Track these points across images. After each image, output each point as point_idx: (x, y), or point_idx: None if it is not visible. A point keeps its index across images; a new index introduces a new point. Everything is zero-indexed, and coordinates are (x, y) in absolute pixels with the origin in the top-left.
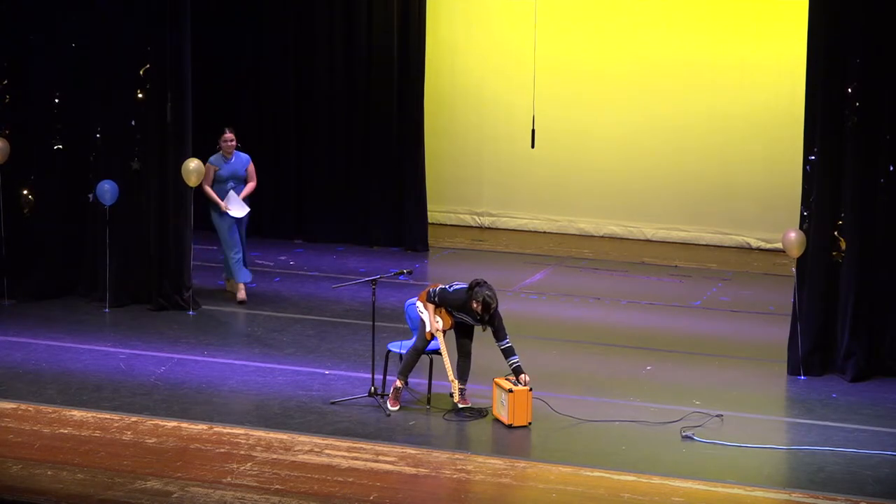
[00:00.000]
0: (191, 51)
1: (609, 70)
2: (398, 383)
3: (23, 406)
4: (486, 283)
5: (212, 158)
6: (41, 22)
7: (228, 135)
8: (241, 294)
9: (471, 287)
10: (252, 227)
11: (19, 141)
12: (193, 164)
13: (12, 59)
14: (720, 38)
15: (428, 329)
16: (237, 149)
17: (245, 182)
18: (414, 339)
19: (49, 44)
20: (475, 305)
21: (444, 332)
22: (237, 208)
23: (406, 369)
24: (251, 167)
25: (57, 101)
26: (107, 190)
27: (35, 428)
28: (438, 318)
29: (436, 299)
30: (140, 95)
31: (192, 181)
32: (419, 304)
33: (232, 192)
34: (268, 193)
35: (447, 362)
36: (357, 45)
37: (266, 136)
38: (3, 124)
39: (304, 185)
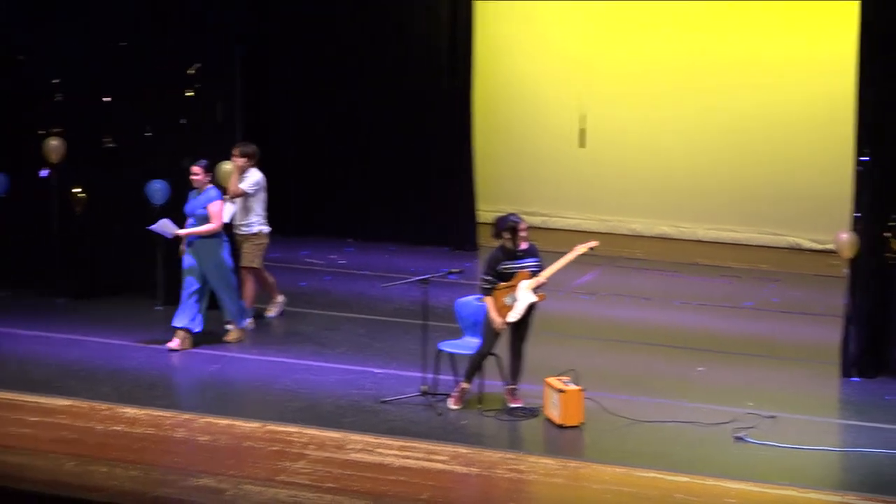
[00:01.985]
0: (241, 49)
1: (660, 68)
2: (464, 385)
3: (77, 403)
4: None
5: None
6: (92, 21)
7: (193, 168)
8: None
9: (496, 231)
10: (303, 227)
11: (71, 139)
12: (227, 165)
13: (63, 58)
14: (773, 35)
15: (497, 322)
16: (210, 184)
17: (206, 221)
18: (479, 341)
19: (100, 43)
20: (507, 238)
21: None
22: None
23: (472, 371)
24: (212, 207)
25: (108, 99)
26: (157, 189)
27: (89, 425)
28: (498, 317)
29: (488, 277)
30: (191, 94)
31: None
32: (488, 302)
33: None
34: (318, 193)
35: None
36: (407, 43)
37: (317, 134)
38: (56, 123)
39: (355, 185)
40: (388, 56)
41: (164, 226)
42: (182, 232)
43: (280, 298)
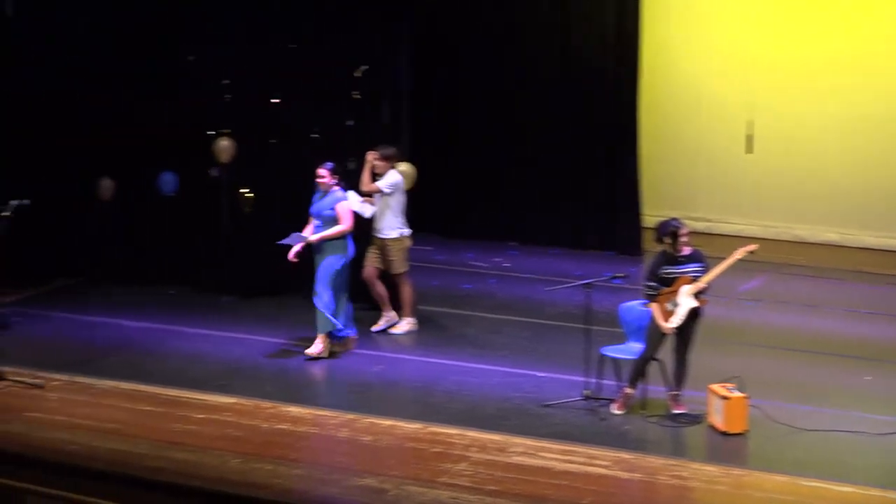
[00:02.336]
0: (408, 51)
1: (829, 71)
2: (628, 390)
3: (242, 401)
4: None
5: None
6: (260, 23)
7: (318, 170)
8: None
9: (657, 235)
10: (466, 229)
11: (240, 139)
12: (402, 167)
13: (233, 60)
14: None
15: (665, 328)
16: (337, 187)
17: (333, 222)
18: (642, 346)
19: (268, 44)
20: (667, 243)
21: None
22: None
23: (635, 377)
24: (340, 207)
25: (276, 101)
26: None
27: (254, 423)
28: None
29: (651, 283)
30: (357, 96)
31: (404, 185)
32: (653, 308)
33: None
34: (481, 195)
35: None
36: (572, 44)
37: (480, 137)
38: (225, 124)
39: (519, 188)
40: (553, 58)
41: (294, 238)
42: (313, 238)
43: (390, 315)
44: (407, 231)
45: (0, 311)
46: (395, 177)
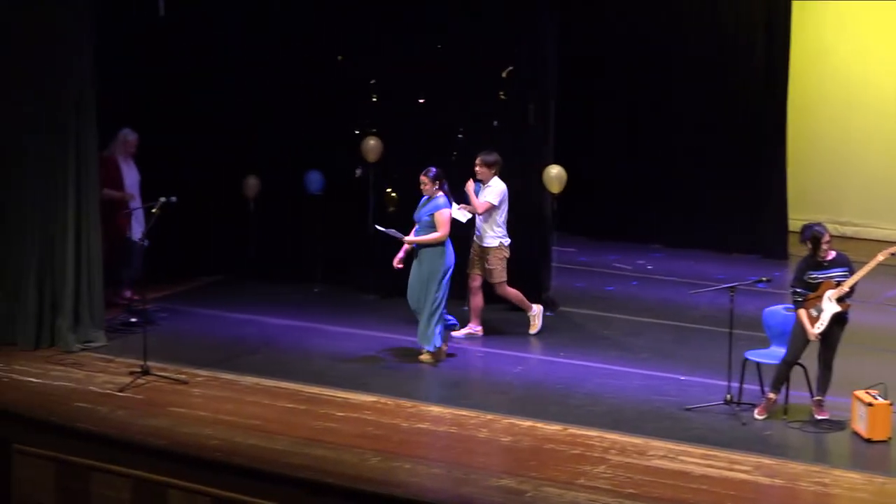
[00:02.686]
0: (554, 52)
1: None
2: (770, 395)
3: (382, 399)
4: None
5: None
6: (407, 23)
7: (421, 177)
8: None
9: (801, 239)
10: (610, 231)
11: (385, 139)
12: (554, 170)
13: (377, 59)
14: None
15: (810, 334)
16: (440, 192)
17: (431, 228)
18: (785, 351)
19: (413, 43)
20: (810, 249)
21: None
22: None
23: (778, 382)
24: (439, 215)
25: (422, 101)
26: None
27: (394, 422)
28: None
29: (797, 289)
30: (503, 97)
31: (554, 188)
32: (799, 313)
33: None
34: (625, 197)
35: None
36: (719, 45)
37: (624, 138)
38: (371, 124)
39: (663, 189)
40: (701, 60)
41: (392, 232)
42: (408, 239)
43: (476, 328)
44: (507, 240)
45: (145, 308)
46: (502, 186)
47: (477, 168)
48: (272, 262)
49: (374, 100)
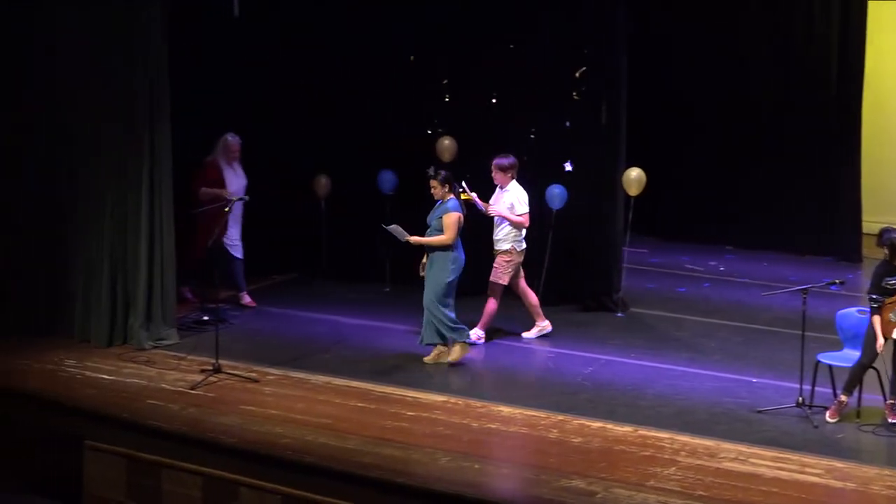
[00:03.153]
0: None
1: None
2: (842, 398)
3: (452, 399)
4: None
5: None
6: (481, 23)
7: (431, 182)
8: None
9: (878, 242)
10: (683, 233)
11: (457, 139)
12: (634, 173)
13: (450, 59)
14: None
15: (879, 343)
16: (451, 195)
17: (440, 233)
18: (858, 354)
19: (485, 43)
20: (887, 254)
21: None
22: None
23: (851, 385)
24: (447, 218)
25: (494, 101)
26: (556, 194)
27: (464, 422)
28: (880, 336)
29: (873, 295)
30: (576, 97)
31: (633, 190)
32: (875, 319)
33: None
34: (698, 199)
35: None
36: (792, 47)
37: (696, 140)
38: (444, 124)
39: (734, 191)
40: (773, 59)
41: (396, 230)
42: (413, 238)
43: (542, 324)
44: (521, 245)
45: (218, 307)
46: (521, 191)
47: (494, 173)
48: (344, 261)
49: (447, 100)
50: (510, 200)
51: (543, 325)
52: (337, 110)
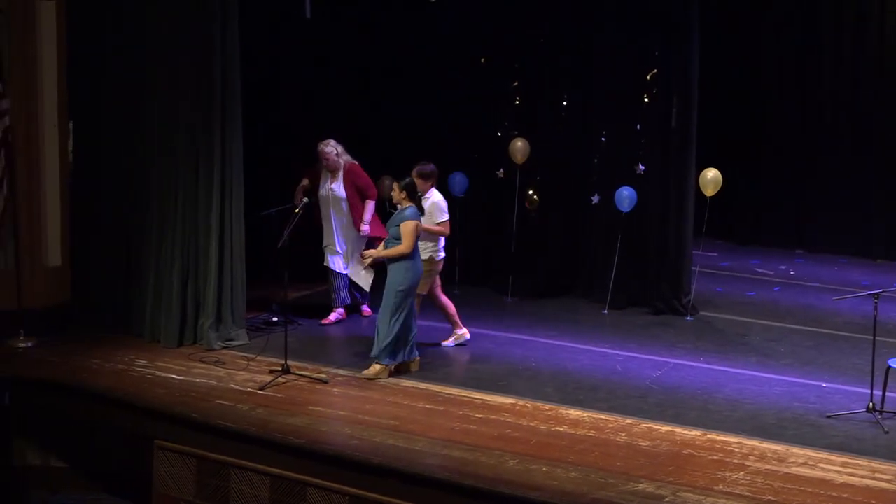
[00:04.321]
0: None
1: None
2: None
3: (521, 402)
4: None
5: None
6: (552, 25)
7: (393, 184)
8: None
9: None
10: (753, 236)
11: (531, 142)
12: (711, 173)
13: (521, 61)
14: None
15: None
16: (411, 203)
17: (398, 241)
18: None
19: (556, 45)
20: None
21: None
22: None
23: None
24: (404, 226)
25: (565, 103)
26: (626, 196)
27: (532, 424)
28: None
29: None
30: (646, 99)
31: (709, 191)
32: None
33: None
34: (768, 202)
35: None
36: (867, 47)
37: (766, 143)
38: (514, 125)
39: (806, 194)
40: (846, 61)
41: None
42: (368, 253)
43: (460, 332)
44: (440, 255)
45: (287, 307)
46: (442, 199)
47: (416, 180)
48: None
49: (517, 102)
50: (431, 209)
51: (461, 333)
52: (407, 111)
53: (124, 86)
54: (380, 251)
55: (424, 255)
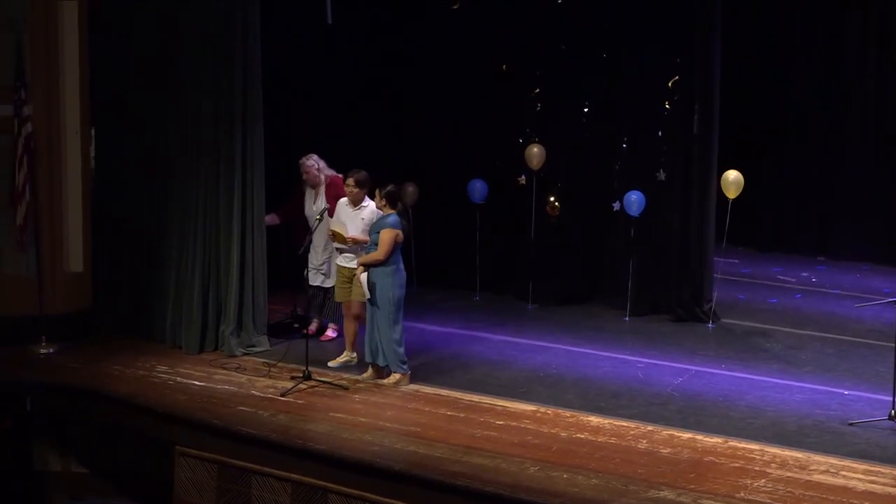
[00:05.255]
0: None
1: None
2: None
3: (542, 409)
4: None
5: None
6: (569, 29)
7: (376, 191)
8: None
9: None
10: (775, 243)
11: (548, 148)
12: (732, 175)
13: (541, 68)
14: None
15: None
16: (392, 210)
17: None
18: None
19: (577, 52)
20: None
21: None
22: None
23: None
24: (383, 234)
25: (586, 110)
26: (634, 200)
27: (553, 431)
28: None
29: None
30: (668, 106)
31: (731, 193)
32: None
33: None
34: (790, 208)
35: None
36: (893, 53)
37: (789, 149)
38: (534, 132)
39: (828, 201)
40: (871, 65)
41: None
42: (360, 261)
43: (352, 354)
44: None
45: (308, 314)
46: (372, 207)
47: (349, 189)
48: (433, 269)
49: (538, 109)
50: (368, 217)
51: (352, 357)
52: (427, 118)
53: (146, 92)
54: (362, 258)
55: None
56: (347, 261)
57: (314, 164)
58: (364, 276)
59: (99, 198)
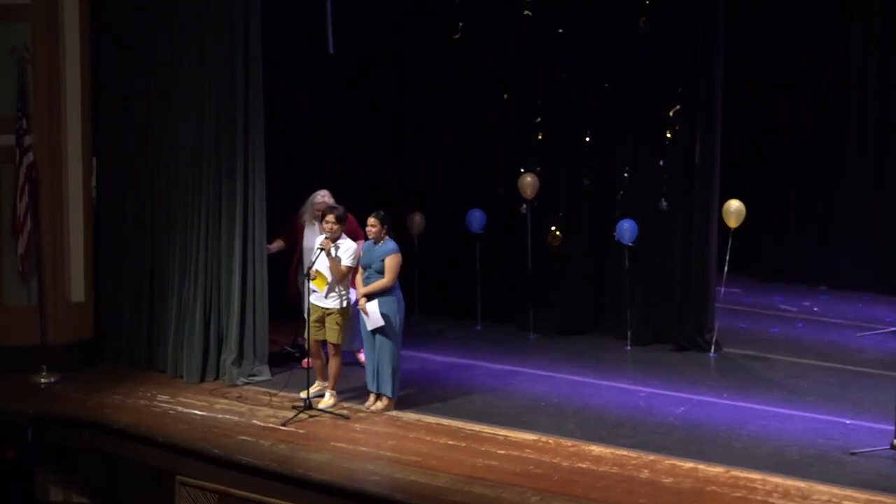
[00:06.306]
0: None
1: None
2: None
3: (543, 438)
4: None
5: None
6: (571, 58)
7: (370, 219)
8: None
9: None
10: (776, 272)
11: (550, 178)
12: (735, 205)
13: (543, 97)
14: None
15: None
16: (388, 236)
17: (381, 274)
18: None
19: (579, 81)
20: None
21: None
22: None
23: None
24: (389, 260)
25: (588, 139)
26: (626, 229)
27: (555, 461)
28: None
29: None
30: (669, 135)
31: (732, 222)
32: None
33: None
34: (791, 237)
35: None
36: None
37: (789, 176)
38: (536, 161)
39: (831, 231)
40: (871, 82)
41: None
42: (361, 292)
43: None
44: (353, 299)
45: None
46: (352, 244)
47: (329, 224)
48: (435, 299)
49: (540, 138)
50: (350, 253)
51: (324, 385)
52: (428, 147)
53: (148, 123)
54: (366, 288)
55: (338, 304)
56: (320, 299)
57: (322, 200)
58: (373, 306)
59: (100, 228)
